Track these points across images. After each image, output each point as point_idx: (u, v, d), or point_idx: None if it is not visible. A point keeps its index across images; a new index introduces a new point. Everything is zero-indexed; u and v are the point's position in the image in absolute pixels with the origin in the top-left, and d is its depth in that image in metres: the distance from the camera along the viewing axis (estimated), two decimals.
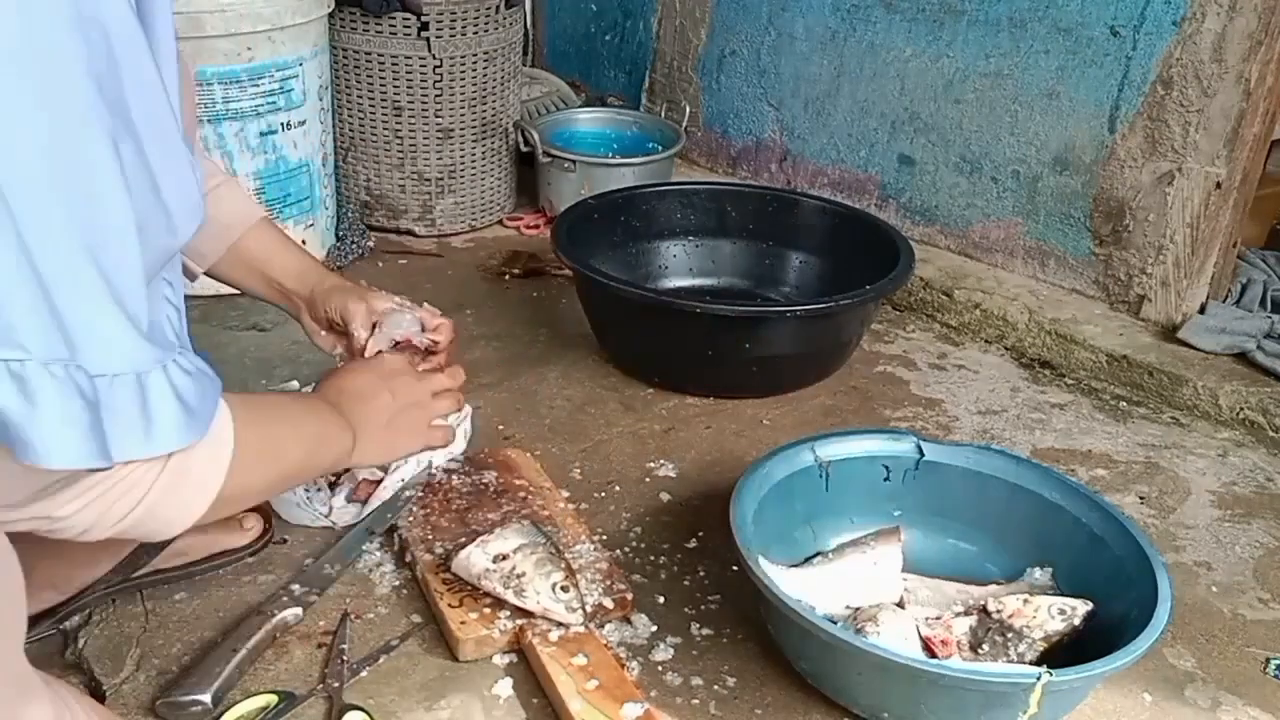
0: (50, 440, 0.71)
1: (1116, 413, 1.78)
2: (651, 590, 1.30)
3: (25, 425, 0.70)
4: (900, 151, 2.22)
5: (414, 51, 2.12)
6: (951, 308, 2.04)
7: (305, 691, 1.12)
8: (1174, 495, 1.58)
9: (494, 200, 2.35)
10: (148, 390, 0.77)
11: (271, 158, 1.92)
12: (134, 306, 0.77)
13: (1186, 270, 1.89)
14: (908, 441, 1.36)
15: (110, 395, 0.75)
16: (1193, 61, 1.79)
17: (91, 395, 0.73)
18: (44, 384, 0.70)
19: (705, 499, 1.48)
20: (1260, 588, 1.40)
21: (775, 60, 2.39)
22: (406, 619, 1.24)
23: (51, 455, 0.71)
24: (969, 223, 2.15)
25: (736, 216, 2.02)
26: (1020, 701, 1.01)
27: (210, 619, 1.22)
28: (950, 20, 2.07)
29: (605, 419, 1.67)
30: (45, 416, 0.70)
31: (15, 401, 0.69)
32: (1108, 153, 1.92)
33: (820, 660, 1.12)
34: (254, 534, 1.31)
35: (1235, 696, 1.22)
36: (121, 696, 1.11)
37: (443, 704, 1.13)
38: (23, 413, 0.70)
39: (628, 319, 1.74)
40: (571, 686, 1.10)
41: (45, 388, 0.70)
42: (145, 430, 0.77)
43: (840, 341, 1.77)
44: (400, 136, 2.19)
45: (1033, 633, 1.14)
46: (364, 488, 1.38)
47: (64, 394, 0.71)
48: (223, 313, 1.89)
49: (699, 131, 2.58)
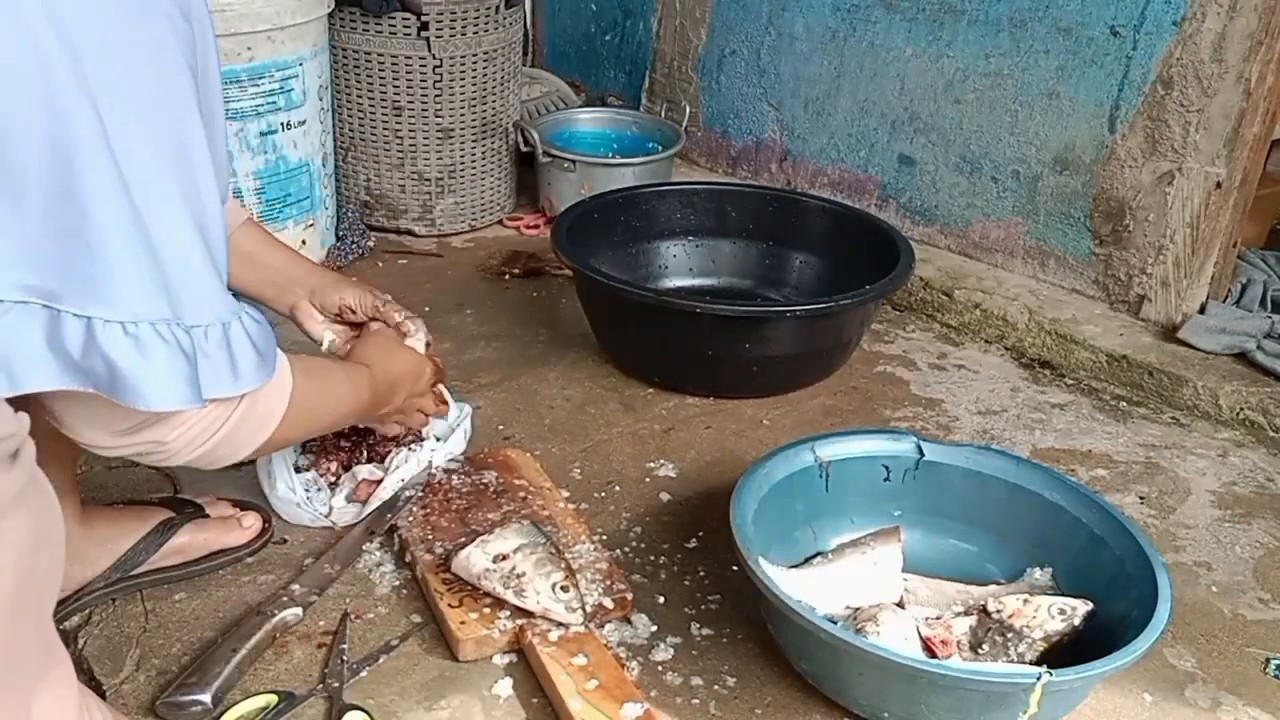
0: (160, 388, 0.84)
1: (1116, 413, 1.78)
2: (651, 590, 1.30)
3: (139, 377, 0.83)
4: (900, 151, 2.22)
5: (414, 51, 2.12)
6: (951, 308, 2.04)
7: (305, 691, 1.12)
8: (1174, 495, 1.58)
9: (494, 200, 2.35)
10: (231, 337, 0.91)
11: (271, 157, 1.92)
12: (221, 261, 0.91)
13: (1186, 270, 1.89)
14: (908, 441, 1.36)
15: (205, 344, 0.88)
16: (1193, 61, 1.79)
17: (190, 349, 0.86)
18: (154, 343, 0.84)
19: (705, 499, 1.48)
20: (1260, 588, 1.40)
21: (775, 60, 2.39)
22: (406, 619, 1.24)
23: (159, 400, 0.85)
24: (969, 222, 2.15)
25: (736, 216, 2.02)
26: (1020, 701, 1.01)
27: (210, 619, 1.22)
28: (950, 20, 2.07)
29: (605, 419, 1.67)
30: (155, 369, 0.84)
31: (131, 358, 0.83)
32: (1108, 153, 1.92)
33: (821, 660, 1.12)
34: (253, 533, 1.31)
35: (1235, 696, 1.22)
36: (121, 696, 1.11)
37: (443, 704, 1.13)
38: (138, 367, 0.83)
39: (628, 319, 1.74)
40: (571, 686, 1.10)
41: (155, 346, 0.84)
42: (232, 371, 0.91)
43: (840, 341, 1.77)
44: (400, 136, 2.19)
45: (1033, 633, 1.14)
46: (364, 488, 1.38)
47: (169, 351, 0.85)
48: None
49: (699, 131, 2.58)
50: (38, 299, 0.79)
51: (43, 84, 0.76)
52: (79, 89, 0.78)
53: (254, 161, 1.90)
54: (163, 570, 1.25)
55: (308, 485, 1.37)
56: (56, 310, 0.80)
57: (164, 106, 0.84)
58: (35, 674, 0.86)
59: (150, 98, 0.83)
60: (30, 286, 0.79)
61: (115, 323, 0.82)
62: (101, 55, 0.79)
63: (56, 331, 0.80)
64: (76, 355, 0.81)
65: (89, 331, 0.81)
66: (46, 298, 0.80)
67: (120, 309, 0.82)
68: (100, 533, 1.22)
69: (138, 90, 0.82)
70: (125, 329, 0.82)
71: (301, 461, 1.39)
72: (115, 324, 0.82)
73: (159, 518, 1.25)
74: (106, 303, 0.81)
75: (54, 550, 0.84)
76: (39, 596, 0.84)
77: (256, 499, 1.36)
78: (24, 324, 0.79)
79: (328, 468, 1.39)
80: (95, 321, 0.81)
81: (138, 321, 0.83)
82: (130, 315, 0.82)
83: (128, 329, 0.82)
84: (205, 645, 1.17)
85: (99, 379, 0.82)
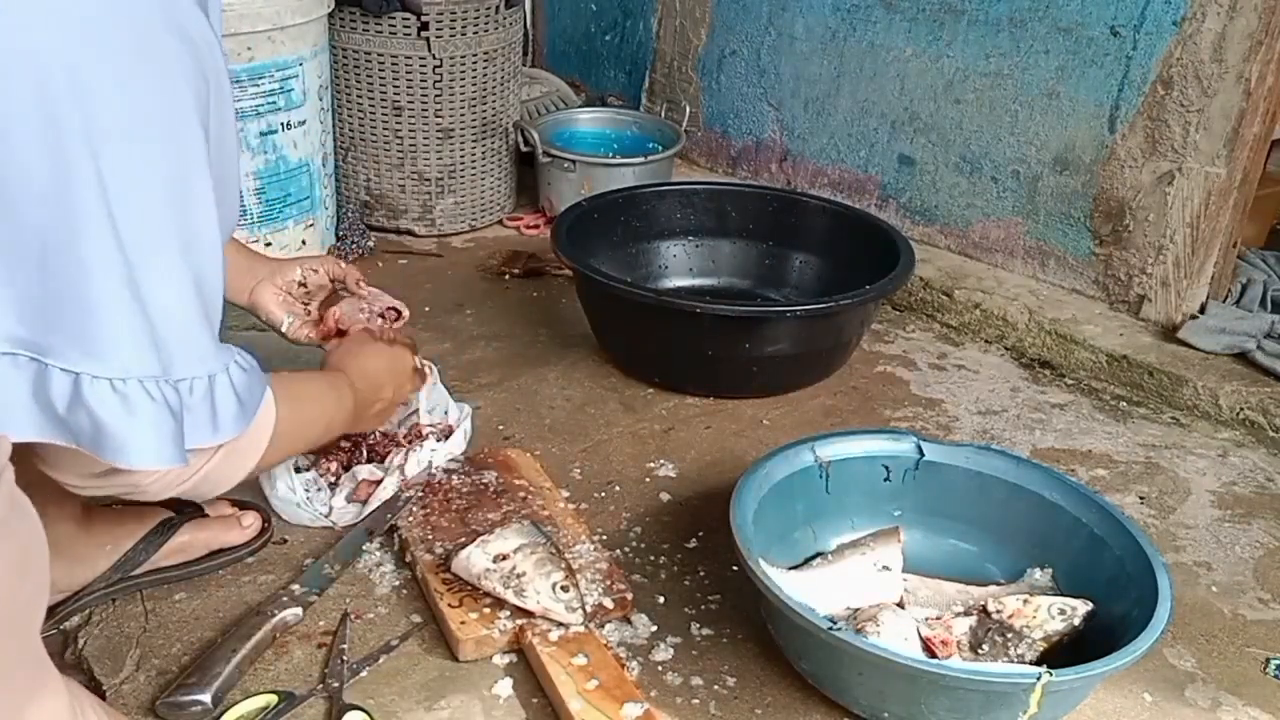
0: (144, 447, 0.83)
1: (1116, 413, 1.78)
2: (651, 590, 1.30)
3: (124, 435, 0.82)
4: (900, 151, 2.22)
5: (414, 51, 2.12)
6: (951, 308, 2.04)
7: (305, 691, 1.12)
8: (1174, 495, 1.58)
9: (494, 200, 2.35)
10: (216, 389, 0.90)
11: (271, 158, 1.92)
12: (216, 315, 0.91)
13: (1186, 270, 1.89)
14: (908, 441, 1.36)
15: (189, 397, 0.87)
16: (1193, 61, 1.79)
17: (177, 405, 0.86)
18: (142, 400, 0.83)
19: (705, 499, 1.48)
20: (1260, 588, 1.40)
21: (775, 60, 2.39)
22: (406, 619, 1.24)
23: (143, 459, 0.84)
24: (969, 222, 2.15)
25: (736, 216, 2.02)
26: (1020, 701, 1.01)
27: (210, 619, 1.22)
28: (950, 20, 2.07)
29: (605, 419, 1.67)
30: (140, 428, 0.83)
31: (117, 416, 0.81)
32: (1108, 153, 1.92)
33: (821, 660, 1.12)
34: (253, 532, 1.31)
35: (1235, 697, 1.22)
36: (121, 696, 1.11)
37: (443, 704, 1.13)
38: (123, 425, 0.82)
39: (628, 319, 1.74)
40: (571, 686, 1.10)
41: (143, 404, 0.83)
42: (212, 423, 0.90)
43: (840, 341, 1.77)
44: (400, 136, 2.19)
45: (1033, 633, 1.14)
46: (364, 488, 1.38)
47: (156, 409, 0.83)
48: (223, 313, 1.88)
49: (699, 131, 2.58)
50: (26, 351, 0.78)
51: (46, 131, 0.75)
52: (83, 137, 0.76)
53: (254, 161, 1.90)
54: (163, 570, 1.25)
55: (308, 485, 1.37)
56: (45, 364, 0.79)
57: (169, 139, 0.83)
58: (23, 691, 0.86)
59: (156, 135, 0.82)
60: (19, 339, 0.78)
61: (104, 379, 0.81)
62: (109, 94, 0.78)
63: (43, 385, 0.79)
64: (62, 410, 0.80)
65: (76, 387, 0.80)
66: (35, 350, 0.79)
67: (109, 365, 0.81)
68: (100, 533, 1.22)
69: (143, 130, 0.81)
70: (114, 386, 0.81)
71: (301, 461, 1.39)
72: (104, 380, 0.81)
73: (159, 518, 1.25)
74: (95, 358, 0.80)
75: (37, 576, 0.83)
76: (24, 618, 0.83)
77: (256, 499, 1.36)
78: (10, 376, 0.78)
79: (328, 468, 1.40)
80: (83, 377, 0.80)
81: (126, 379, 0.82)
82: (119, 372, 0.81)
83: (116, 386, 0.81)
84: (205, 645, 1.17)
85: (82, 434, 0.81)
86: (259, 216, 1.92)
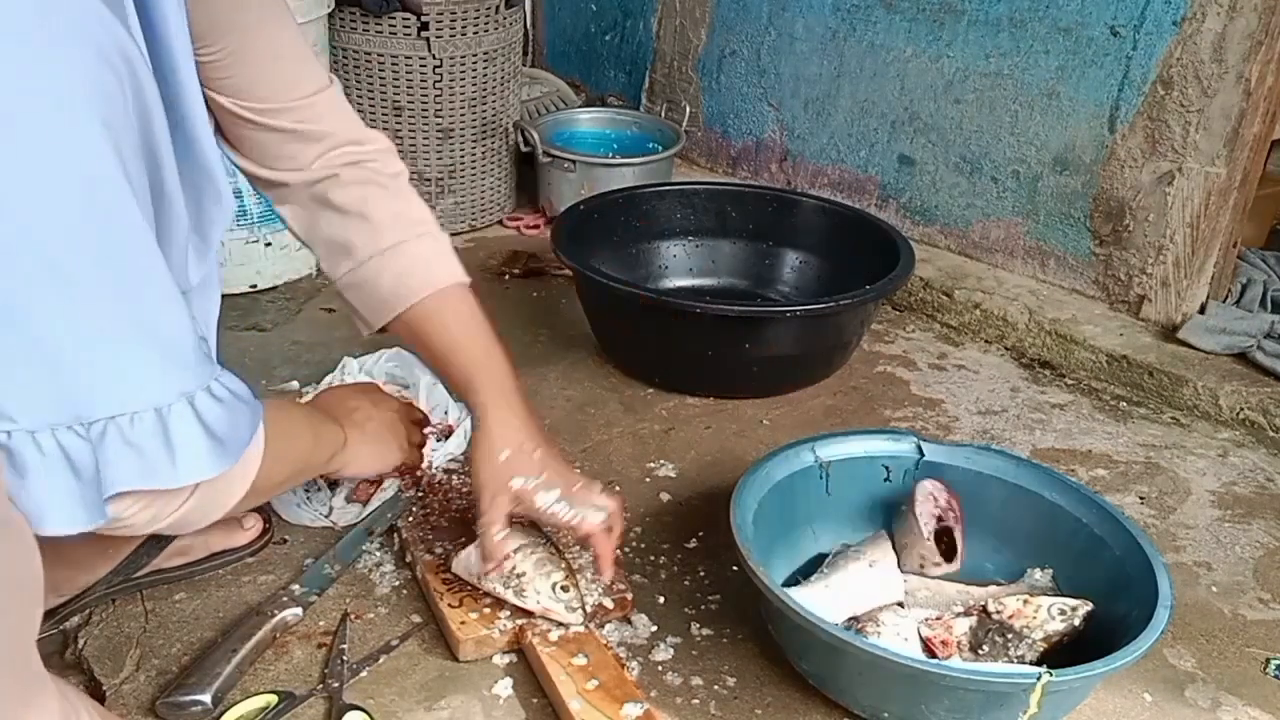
0: (42, 509, 0.73)
1: (1116, 413, 1.78)
2: (651, 590, 1.30)
3: (18, 496, 0.72)
4: (900, 151, 2.22)
5: (414, 51, 2.12)
6: (951, 308, 2.04)
7: (305, 691, 1.12)
8: (1174, 495, 1.58)
9: (494, 200, 2.35)
10: (169, 424, 0.79)
11: None
12: (169, 332, 0.79)
13: (1186, 270, 1.89)
14: (908, 441, 1.36)
15: (130, 432, 0.76)
16: (1193, 61, 1.79)
17: (84, 458, 0.74)
18: (30, 455, 0.72)
19: (705, 499, 1.48)
20: (1260, 588, 1.40)
21: (775, 60, 2.39)
22: (406, 619, 1.24)
23: (45, 522, 0.73)
24: (969, 223, 2.15)
25: (736, 216, 2.02)
26: (1020, 702, 1.01)
27: (210, 619, 1.22)
28: (950, 20, 2.07)
29: (605, 419, 1.67)
30: (33, 488, 0.72)
31: (5, 473, 0.70)
32: (1108, 153, 1.92)
33: (821, 660, 1.12)
34: (254, 533, 1.31)
35: (1235, 697, 1.22)
36: (121, 696, 1.11)
37: (443, 704, 1.13)
38: (14, 484, 0.71)
39: (628, 319, 1.74)
40: (571, 686, 1.10)
41: (31, 459, 0.72)
42: (170, 461, 0.80)
43: (840, 341, 1.77)
44: (400, 136, 2.19)
45: (1033, 633, 1.14)
46: (364, 488, 1.38)
47: (49, 465, 0.72)
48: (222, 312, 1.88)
49: (699, 131, 2.58)
50: None
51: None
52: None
53: None
54: (163, 571, 1.25)
55: (308, 485, 1.37)
56: None
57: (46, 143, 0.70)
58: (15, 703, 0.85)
59: (22, 136, 0.69)
60: None
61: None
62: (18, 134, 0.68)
63: None
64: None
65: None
66: None
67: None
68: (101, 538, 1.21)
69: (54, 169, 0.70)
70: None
71: None
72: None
73: None
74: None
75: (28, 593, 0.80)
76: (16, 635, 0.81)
77: None
78: None
79: None
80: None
81: (10, 430, 0.71)
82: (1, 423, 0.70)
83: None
84: (205, 645, 1.17)
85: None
86: (259, 217, 1.92)
